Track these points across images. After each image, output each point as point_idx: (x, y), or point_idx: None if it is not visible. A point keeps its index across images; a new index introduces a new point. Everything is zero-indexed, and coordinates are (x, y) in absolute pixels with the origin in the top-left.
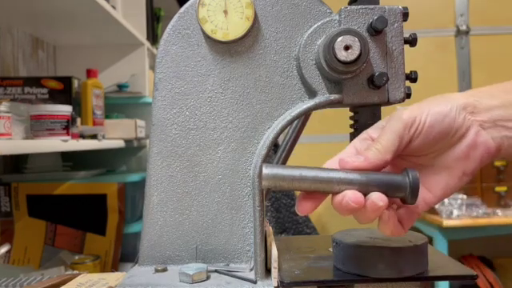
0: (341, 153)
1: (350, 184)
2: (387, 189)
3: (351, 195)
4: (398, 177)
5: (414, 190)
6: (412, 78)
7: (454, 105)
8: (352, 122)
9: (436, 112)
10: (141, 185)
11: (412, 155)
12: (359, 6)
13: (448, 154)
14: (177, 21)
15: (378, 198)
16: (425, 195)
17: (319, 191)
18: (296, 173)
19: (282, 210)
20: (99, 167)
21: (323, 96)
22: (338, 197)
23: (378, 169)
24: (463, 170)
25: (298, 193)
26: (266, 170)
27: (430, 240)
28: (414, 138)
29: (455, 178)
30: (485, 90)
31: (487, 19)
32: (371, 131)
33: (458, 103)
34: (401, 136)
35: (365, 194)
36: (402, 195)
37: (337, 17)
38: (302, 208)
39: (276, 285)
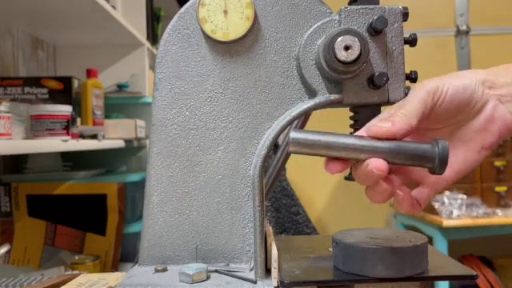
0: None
1: (376, 152)
2: (415, 158)
3: (374, 163)
4: (427, 145)
5: (443, 160)
6: (412, 77)
7: (473, 78)
8: (352, 122)
9: (457, 84)
10: (141, 185)
11: (432, 128)
12: (359, 6)
13: (467, 126)
14: (177, 21)
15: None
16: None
17: (345, 158)
18: (322, 139)
19: (281, 210)
20: (99, 167)
21: (323, 96)
22: (363, 165)
23: (404, 135)
24: (482, 144)
25: (298, 193)
26: (293, 135)
27: (430, 240)
28: (436, 106)
29: (474, 151)
30: (502, 67)
31: (487, 19)
32: (391, 110)
33: (477, 77)
34: (425, 102)
35: (392, 163)
36: (430, 165)
37: (337, 17)
38: (330, 168)
39: (276, 285)
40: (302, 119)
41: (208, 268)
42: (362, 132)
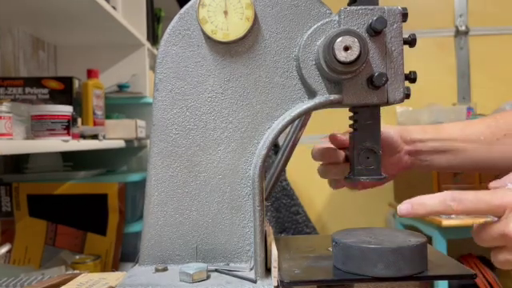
0: None
1: None
2: None
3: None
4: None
5: None
6: (411, 78)
7: (396, 132)
8: (352, 122)
9: (387, 130)
10: (141, 185)
11: None
12: (359, 7)
13: (387, 160)
14: (177, 21)
15: None
16: None
17: None
18: None
19: (281, 210)
20: (100, 167)
21: (323, 96)
22: None
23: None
24: (390, 172)
25: (297, 193)
26: None
27: (430, 239)
28: None
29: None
30: (418, 127)
31: (486, 20)
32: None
33: (398, 132)
34: None
35: None
36: None
37: (336, 17)
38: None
39: (276, 284)
40: (303, 120)
41: (208, 267)
42: None
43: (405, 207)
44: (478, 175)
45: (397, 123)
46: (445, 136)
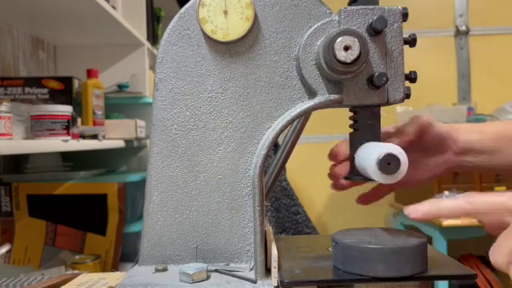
0: None
1: None
2: None
3: None
4: None
5: None
6: (411, 78)
7: (447, 130)
8: (352, 122)
9: (443, 129)
10: (141, 185)
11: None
12: (359, 7)
13: (434, 158)
14: (177, 21)
15: None
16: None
17: None
18: None
19: (281, 210)
20: (99, 167)
21: (323, 96)
22: None
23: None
24: (432, 173)
25: (297, 193)
26: None
27: (430, 240)
28: (425, 133)
29: (428, 173)
30: (465, 126)
31: (486, 20)
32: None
33: (447, 131)
34: (420, 128)
35: None
36: None
37: (336, 17)
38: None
39: (276, 284)
40: (302, 119)
41: (208, 268)
42: None
43: (414, 211)
44: (478, 176)
45: (396, 123)
46: (491, 136)
